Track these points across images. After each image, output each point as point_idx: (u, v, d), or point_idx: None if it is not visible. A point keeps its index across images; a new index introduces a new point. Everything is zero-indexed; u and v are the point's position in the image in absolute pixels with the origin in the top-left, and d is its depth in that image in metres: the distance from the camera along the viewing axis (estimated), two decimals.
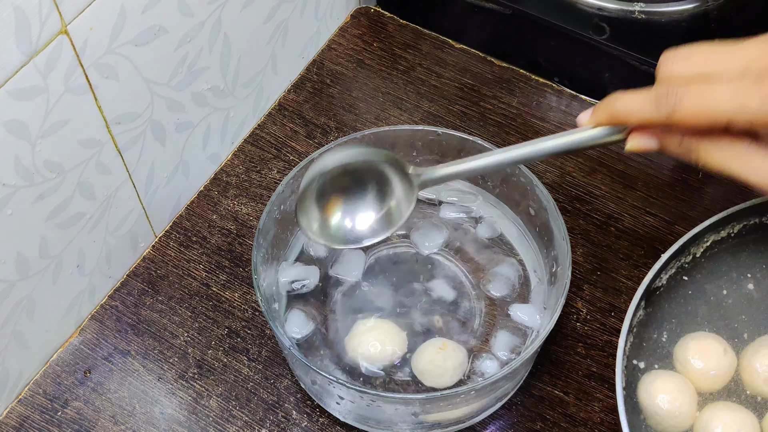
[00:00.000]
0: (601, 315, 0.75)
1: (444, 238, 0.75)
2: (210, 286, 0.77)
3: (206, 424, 0.70)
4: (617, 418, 0.70)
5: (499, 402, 0.69)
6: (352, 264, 0.73)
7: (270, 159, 0.84)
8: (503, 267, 0.73)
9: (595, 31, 0.83)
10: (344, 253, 0.74)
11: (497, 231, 0.75)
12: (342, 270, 0.73)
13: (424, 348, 0.68)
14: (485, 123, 0.86)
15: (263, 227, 0.68)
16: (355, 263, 0.73)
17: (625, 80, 0.84)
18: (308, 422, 0.70)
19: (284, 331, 0.69)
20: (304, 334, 0.70)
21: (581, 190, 0.82)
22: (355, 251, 0.74)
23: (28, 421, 0.70)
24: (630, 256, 0.78)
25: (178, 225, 0.80)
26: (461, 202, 0.77)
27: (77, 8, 0.58)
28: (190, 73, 0.72)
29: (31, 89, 0.58)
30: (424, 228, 0.75)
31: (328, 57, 0.91)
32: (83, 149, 0.65)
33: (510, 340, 0.70)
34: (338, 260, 0.74)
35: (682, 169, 0.83)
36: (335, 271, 0.73)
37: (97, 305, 0.76)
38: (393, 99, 0.87)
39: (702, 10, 0.83)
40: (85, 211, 0.69)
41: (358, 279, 0.73)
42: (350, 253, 0.74)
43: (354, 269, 0.73)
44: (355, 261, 0.73)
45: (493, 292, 0.72)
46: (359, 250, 0.74)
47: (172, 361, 0.73)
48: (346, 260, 0.73)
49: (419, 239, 0.75)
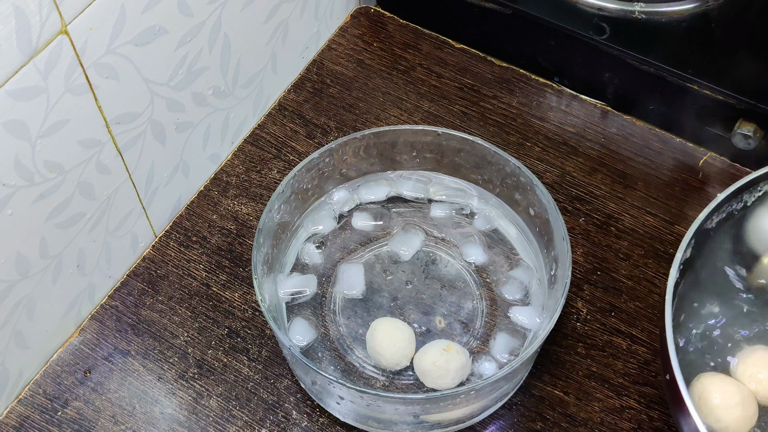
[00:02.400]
0: (601, 315, 0.75)
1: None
2: (210, 286, 0.77)
3: (206, 424, 0.70)
4: (617, 417, 0.70)
5: (499, 402, 0.69)
6: (354, 279, 0.73)
7: (270, 159, 0.84)
8: (518, 271, 0.73)
9: (595, 31, 0.83)
10: (343, 270, 0.74)
11: (493, 224, 0.75)
12: (345, 287, 0.73)
13: (427, 349, 0.68)
14: (485, 123, 0.86)
15: (263, 227, 0.68)
16: (356, 278, 0.73)
17: (625, 80, 0.84)
18: (308, 422, 0.70)
19: (288, 338, 0.70)
20: (308, 341, 0.70)
21: (581, 190, 0.82)
22: (352, 265, 0.74)
23: (28, 421, 0.70)
24: (630, 256, 0.78)
25: (178, 225, 0.80)
26: (451, 199, 0.77)
27: (77, 8, 0.58)
28: (190, 73, 0.72)
29: (31, 89, 0.58)
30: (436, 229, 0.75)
31: (328, 57, 0.91)
32: (83, 149, 0.65)
33: (509, 342, 0.70)
34: (338, 278, 0.73)
35: (682, 169, 0.83)
36: (338, 290, 0.73)
37: (97, 305, 0.76)
38: (393, 99, 0.87)
39: (702, 10, 0.83)
40: (85, 211, 0.69)
41: (362, 293, 0.73)
42: (349, 269, 0.73)
43: (356, 285, 0.73)
44: (355, 275, 0.73)
45: (506, 295, 0.72)
46: (356, 264, 0.74)
47: (172, 361, 0.73)
48: (347, 276, 0.73)
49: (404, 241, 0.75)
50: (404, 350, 0.68)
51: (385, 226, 0.76)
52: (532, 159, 0.83)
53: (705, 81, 0.79)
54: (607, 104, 0.87)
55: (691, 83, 0.80)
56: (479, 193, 0.76)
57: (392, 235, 0.75)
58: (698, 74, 0.79)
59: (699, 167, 0.83)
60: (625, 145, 0.84)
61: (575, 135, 0.85)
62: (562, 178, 0.82)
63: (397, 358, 0.68)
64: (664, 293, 0.67)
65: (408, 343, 0.68)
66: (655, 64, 0.81)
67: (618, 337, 0.74)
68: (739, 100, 0.78)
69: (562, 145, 0.84)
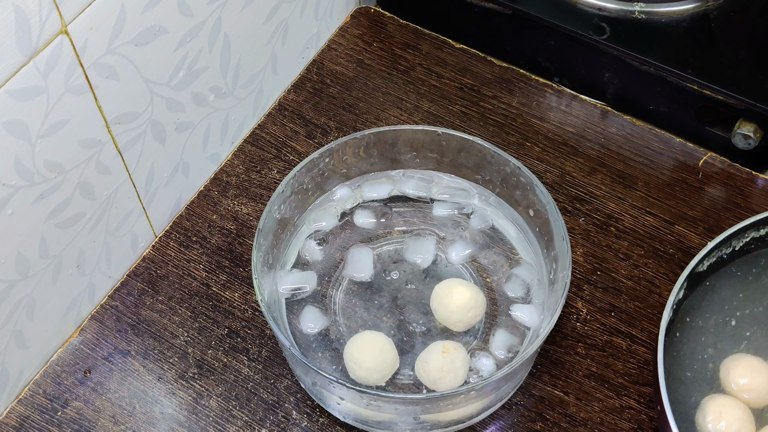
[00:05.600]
0: (601, 315, 0.75)
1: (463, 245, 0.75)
2: (210, 286, 0.77)
3: (206, 424, 0.70)
4: (617, 417, 0.70)
5: (499, 402, 0.69)
6: (363, 262, 0.73)
7: (270, 159, 0.84)
8: (520, 269, 0.73)
9: (595, 31, 0.83)
10: (352, 254, 0.74)
11: (489, 222, 0.75)
12: (353, 270, 0.73)
13: (426, 357, 0.67)
14: (485, 123, 0.86)
15: (263, 227, 0.68)
16: (365, 261, 0.73)
17: (625, 80, 0.84)
18: (308, 422, 0.70)
19: (300, 326, 0.70)
20: (320, 328, 0.70)
21: (581, 190, 0.82)
22: (363, 249, 0.74)
23: (28, 421, 0.70)
24: (630, 256, 0.78)
25: (178, 225, 0.80)
26: (453, 198, 0.77)
27: (77, 8, 0.58)
28: (190, 73, 0.72)
29: (31, 89, 0.58)
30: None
31: (328, 57, 0.91)
32: (83, 149, 0.65)
33: (508, 340, 0.70)
34: (348, 262, 0.74)
35: (682, 169, 0.83)
36: (347, 272, 0.73)
37: (97, 305, 0.76)
38: (393, 99, 0.87)
39: (702, 10, 0.83)
40: (85, 211, 0.69)
41: (370, 276, 0.73)
42: (358, 252, 0.74)
43: (365, 268, 0.73)
44: (365, 259, 0.73)
45: (508, 292, 0.72)
46: (367, 248, 0.74)
47: (172, 361, 0.73)
48: (356, 259, 0.73)
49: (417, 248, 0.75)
50: (382, 371, 0.68)
51: (387, 224, 0.76)
52: (532, 159, 0.83)
53: (705, 81, 0.79)
54: (607, 104, 0.87)
55: (691, 83, 0.80)
56: (480, 193, 0.76)
57: (404, 246, 0.75)
58: (698, 74, 0.79)
59: (699, 167, 0.83)
60: (625, 145, 0.84)
61: (575, 135, 0.85)
62: (562, 178, 0.82)
63: (375, 378, 0.68)
64: (664, 293, 0.67)
65: (385, 362, 0.68)
66: (655, 64, 0.81)
67: (618, 337, 0.74)
68: (739, 100, 0.78)
69: (562, 145, 0.84)
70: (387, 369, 0.67)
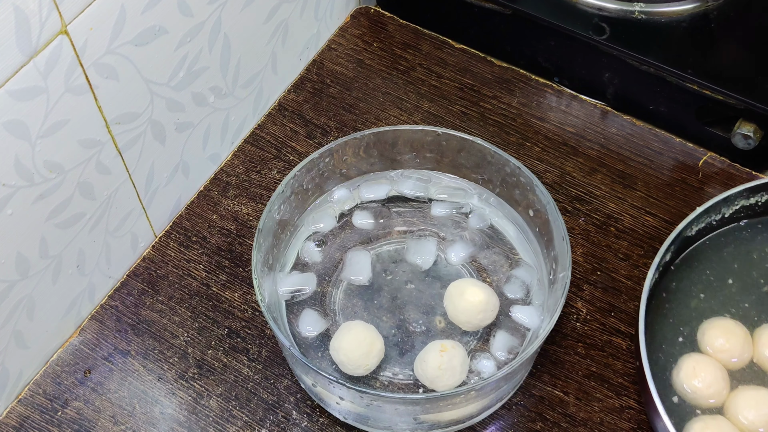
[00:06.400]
0: (601, 315, 0.75)
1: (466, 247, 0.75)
2: (210, 286, 0.77)
3: (206, 424, 0.70)
4: (617, 417, 0.70)
5: (499, 402, 0.69)
6: (361, 266, 0.73)
7: (270, 159, 0.84)
8: (520, 270, 0.73)
9: (595, 31, 0.83)
10: (350, 257, 0.74)
11: (487, 221, 0.75)
12: (351, 273, 0.73)
13: (425, 356, 0.67)
14: (485, 123, 0.86)
15: (263, 227, 0.68)
16: (363, 265, 0.73)
17: (625, 80, 0.84)
18: (308, 422, 0.70)
19: (298, 329, 0.70)
20: (318, 332, 0.70)
21: (581, 190, 0.82)
22: (361, 252, 0.74)
23: (28, 421, 0.70)
24: (630, 256, 0.78)
25: (178, 225, 0.80)
26: (451, 198, 0.77)
27: (77, 8, 0.58)
28: (190, 73, 0.72)
29: (31, 89, 0.58)
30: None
31: (328, 57, 0.91)
32: (83, 149, 0.65)
33: (508, 341, 0.70)
34: (346, 265, 0.74)
35: (682, 169, 0.83)
36: (345, 275, 0.73)
37: (97, 305, 0.76)
38: (393, 99, 0.87)
39: (702, 10, 0.83)
40: (85, 211, 0.69)
41: (368, 280, 0.73)
42: (356, 255, 0.74)
43: (363, 271, 0.73)
44: (362, 263, 0.73)
45: (508, 294, 0.72)
46: (365, 251, 0.74)
47: (172, 361, 0.73)
48: (354, 263, 0.73)
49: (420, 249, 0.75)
50: (366, 358, 0.68)
51: (386, 224, 0.76)
52: (532, 159, 0.83)
53: (705, 81, 0.79)
54: (607, 104, 0.87)
55: (691, 83, 0.80)
56: (479, 193, 0.76)
57: (405, 247, 0.75)
58: (698, 74, 0.79)
59: (699, 167, 0.83)
60: (625, 145, 0.84)
61: (575, 135, 0.85)
62: (562, 178, 0.82)
63: (357, 364, 0.68)
64: None
65: (370, 352, 0.68)
66: (655, 64, 0.81)
67: (618, 337, 0.74)
68: (738, 100, 0.78)
69: (562, 145, 0.84)
70: (365, 348, 0.67)
